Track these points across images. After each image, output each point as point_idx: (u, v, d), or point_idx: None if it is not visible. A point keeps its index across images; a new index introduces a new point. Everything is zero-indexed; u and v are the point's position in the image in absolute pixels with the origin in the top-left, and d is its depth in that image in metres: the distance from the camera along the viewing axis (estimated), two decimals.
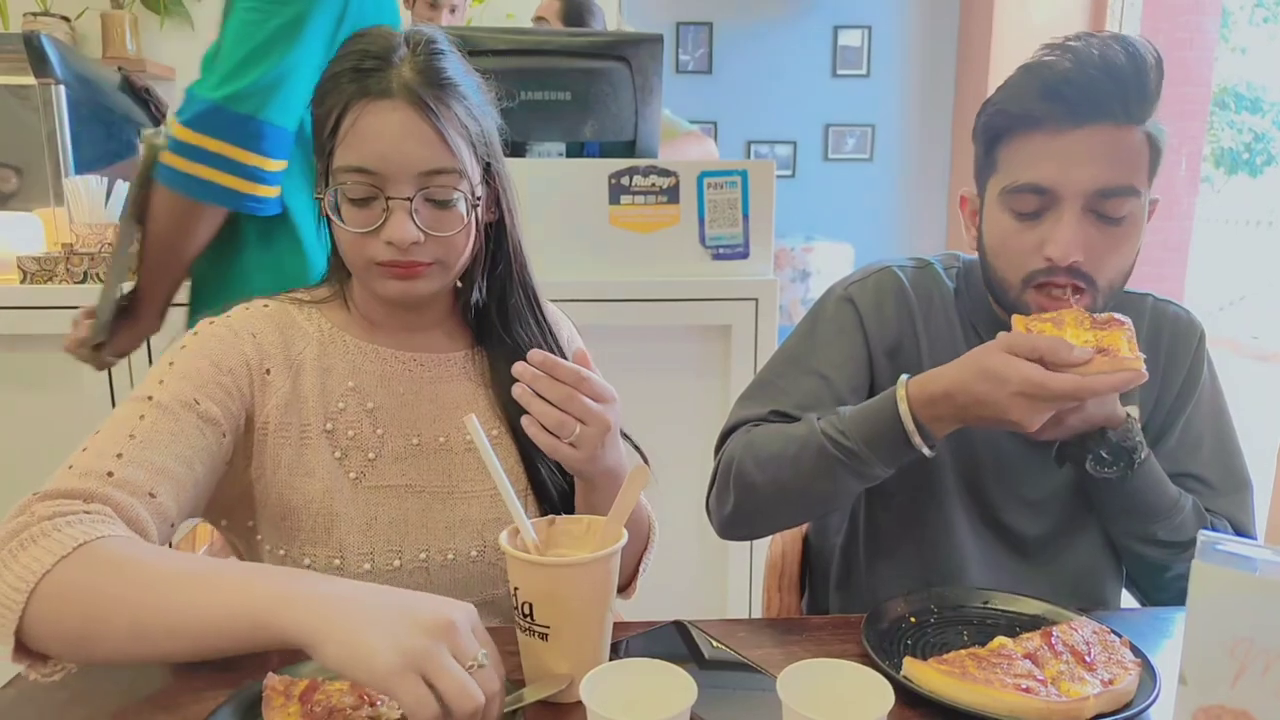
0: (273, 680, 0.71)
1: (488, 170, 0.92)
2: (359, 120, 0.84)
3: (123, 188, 1.85)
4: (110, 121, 2.15)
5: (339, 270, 0.96)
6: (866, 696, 0.64)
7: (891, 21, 3.89)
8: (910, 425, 0.87)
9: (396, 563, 0.90)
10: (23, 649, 0.67)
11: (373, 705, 0.69)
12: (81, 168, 2.02)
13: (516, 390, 0.81)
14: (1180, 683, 0.45)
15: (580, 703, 0.70)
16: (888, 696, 0.63)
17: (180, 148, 1.18)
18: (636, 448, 1.03)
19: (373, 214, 0.86)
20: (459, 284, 0.99)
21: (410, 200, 0.85)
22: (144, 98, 2.15)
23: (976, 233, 1.00)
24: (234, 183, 1.19)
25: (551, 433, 0.81)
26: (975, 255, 1.08)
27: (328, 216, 0.88)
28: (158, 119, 2.20)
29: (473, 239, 0.92)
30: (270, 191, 1.24)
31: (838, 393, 1.01)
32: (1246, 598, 0.42)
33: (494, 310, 0.98)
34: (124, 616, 0.65)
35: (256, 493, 0.91)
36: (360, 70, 0.85)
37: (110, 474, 0.76)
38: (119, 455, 0.78)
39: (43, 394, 1.70)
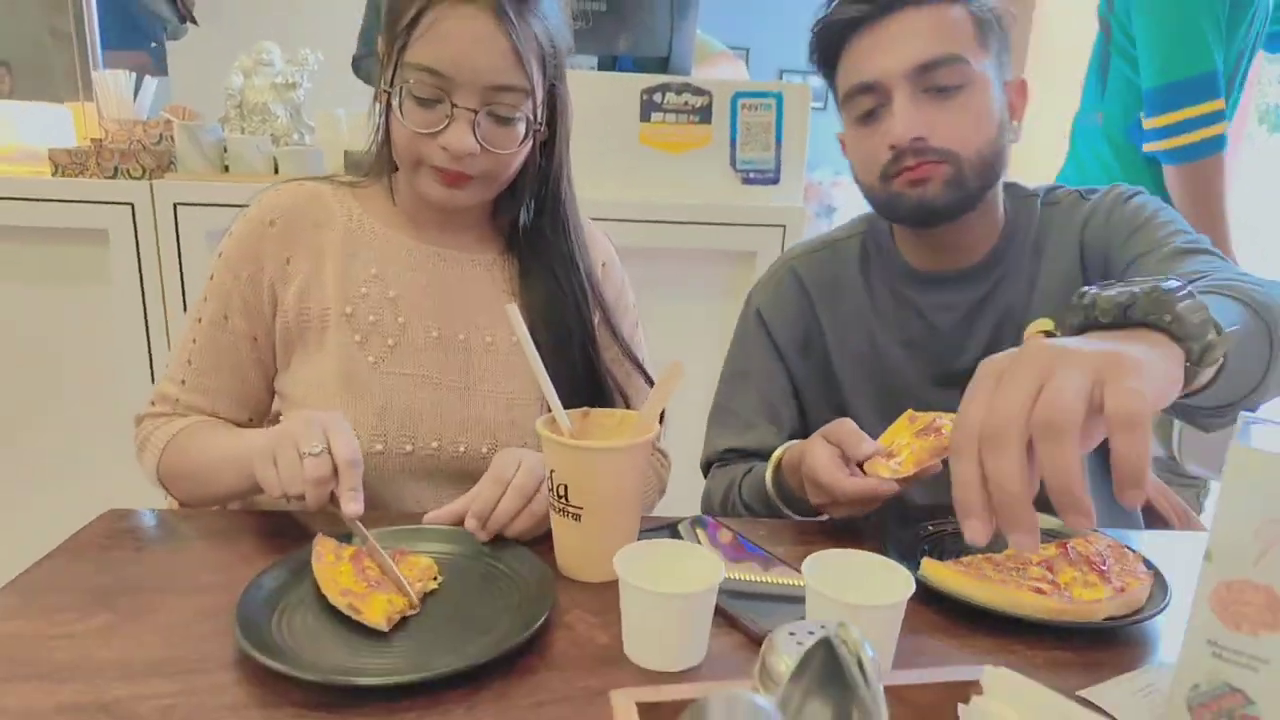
0: (322, 539, 0.74)
1: (551, 91, 0.93)
2: (439, 21, 0.85)
3: (150, 83, 1.84)
4: (135, 16, 2.12)
5: (384, 160, 0.96)
6: (888, 584, 0.66)
7: None
8: (773, 494, 0.94)
9: (409, 448, 0.93)
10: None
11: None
12: (107, 63, 2.00)
13: (475, 530, 0.79)
14: (1205, 559, 0.47)
15: (610, 583, 0.72)
16: (909, 583, 0.65)
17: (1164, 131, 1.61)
18: (644, 373, 1.04)
19: (435, 116, 0.87)
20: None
21: (476, 112, 0.86)
22: None
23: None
24: (1216, 130, 1.57)
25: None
26: None
27: (387, 107, 0.89)
28: (184, 16, 2.17)
29: (523, 159, 0.93)
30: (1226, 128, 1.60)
31: (771, 403, 1.07)
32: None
33: (530, 225, 1.00)
34: (195, 478, 0.92)
35: (283, 382, 0.97)
36: None
37: (178, 400, 0.97)
38: (183, 381, 0.97)
39: (74, 287, 1.73)
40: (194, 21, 2.24)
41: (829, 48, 0.95)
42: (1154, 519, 1.12)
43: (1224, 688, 0.47)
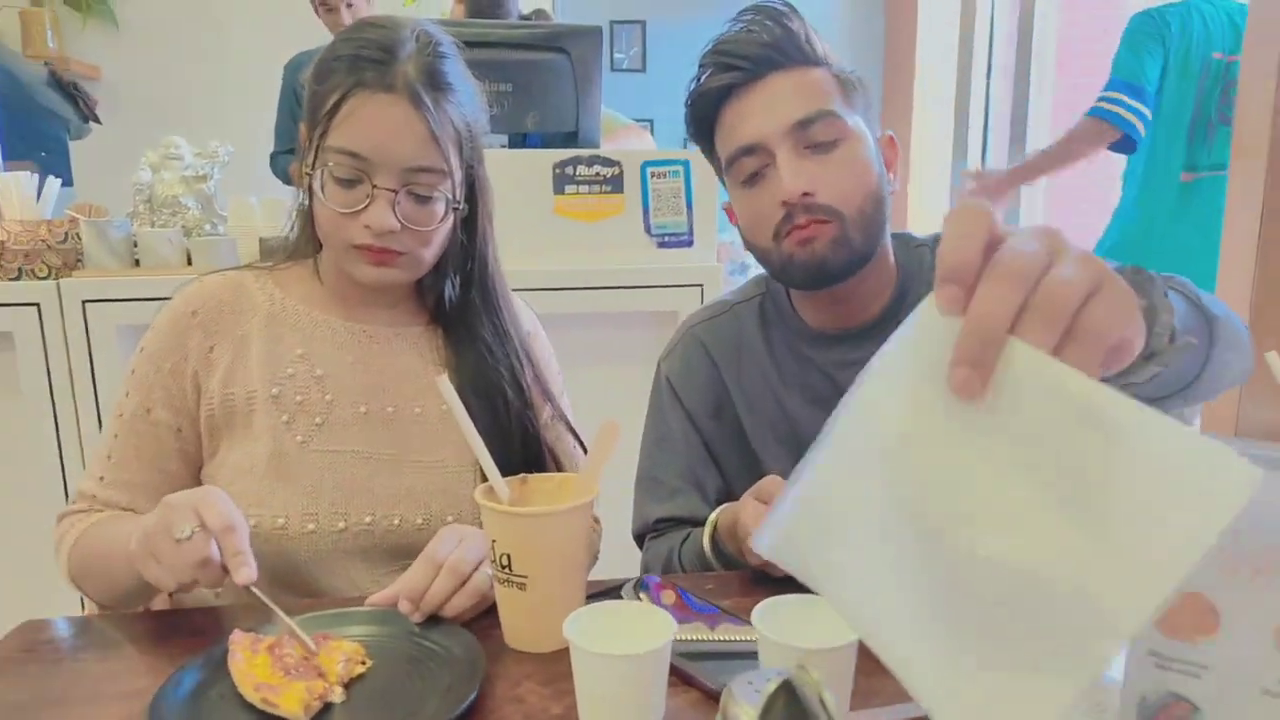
0: (238, 636, 0.72)
1: (469, 171, 0.96)
2: (359, 108, 0.87)
3: (54, 183, 1.80)
4: (37, 117, 2.08)
5: (308, 241, 0.98)
6: (839, 625, 0.67)
7: (819, 20, 3.98)
8: (713, 561, 0.95)
9: (341, 525, 0.92)
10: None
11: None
12: (8, 163, 1.95)
13: (409, 613, 0.78)
14: None
15: (559, 653, 0.72)
16: None
17: None
18: (574, 434, 1.06)
19: (356, 196, 0.89)
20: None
21: (395, 192, 0.89)
22: (72, 94, 2.09)
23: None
24: None
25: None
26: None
27: (309, 190, 0.92)
28: (86, 115, 2.14)
29: (446, 235, 0.95)
30: None
31: (692, 468, 1.07)
32: None
33: (456, 300, 1.02)
34: (100, 576, 0.90)
35: (210, 471, 0.95)
36: (367, 59, 0.88)
37: (95, 497, 0.94)
38: (101, 478, 0.95)
39: None
40: (96, 120, 2.21)
41: (704, 118, 0.98)
42: None
43: (1170, 697, 0.48)
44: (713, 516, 0.96)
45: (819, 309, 1.03)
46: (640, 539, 1.11)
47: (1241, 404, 2.15)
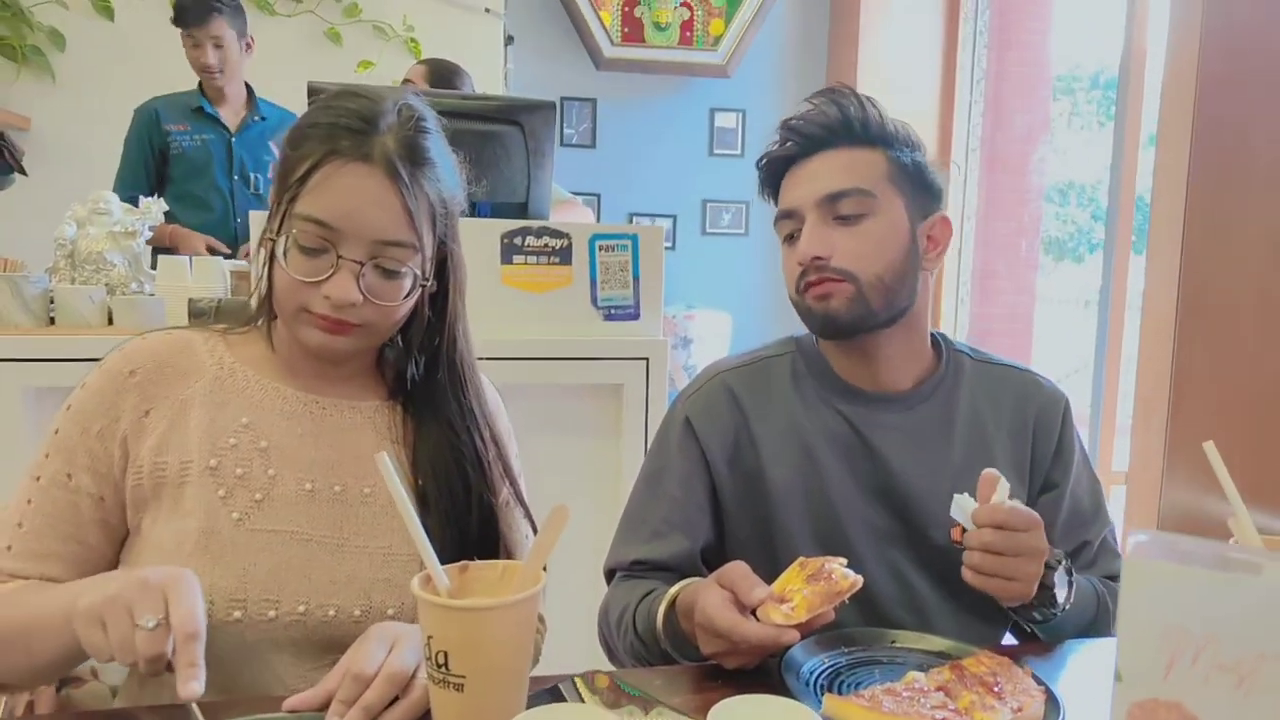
0: None
1: (441, 248, 0.92)
2: (332, 176, 0.84)
3: None
4: None
5: (266, 308, 0.92)
6: None
7: (763, 107, 4.13)
8: (661, 635, 0.93)
9: (271, 613, 0.84)
10: None
11: None
12: None
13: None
14: (1116, 679, 0.46)
15: None
16: None
17: None
18: (530, 519, 1.01)
19: (319, 265, 0.85)
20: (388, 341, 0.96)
21: (361, 264, 0.85)
22: None
23: None
24: None
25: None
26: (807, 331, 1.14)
27: (270, 256, 0.87)
28: (12, 166, 2.05)
29: (408, 312, 0.91)
30: None
31: (686, 513, 1.05)
32: (1176, 588, 0.44)
33: (422, 378, 0.97)
34: (10, 647, 0.78)
35: (131, 548, 0.87)
36: (345, 127, 0.85)
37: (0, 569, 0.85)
38: (9, 548, 0.85)
39: None
40: (21, 171, 2.11)
41: (770, 179, 1.09)
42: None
43: None
44: (673, 590, 0.92)
45: (850, 362, 1.08)
46: (610, 575, 1.08)
47: (1164, 493, 2.20)
